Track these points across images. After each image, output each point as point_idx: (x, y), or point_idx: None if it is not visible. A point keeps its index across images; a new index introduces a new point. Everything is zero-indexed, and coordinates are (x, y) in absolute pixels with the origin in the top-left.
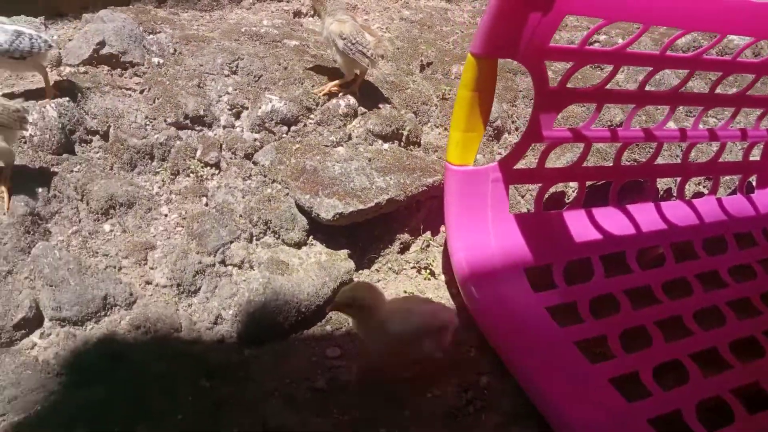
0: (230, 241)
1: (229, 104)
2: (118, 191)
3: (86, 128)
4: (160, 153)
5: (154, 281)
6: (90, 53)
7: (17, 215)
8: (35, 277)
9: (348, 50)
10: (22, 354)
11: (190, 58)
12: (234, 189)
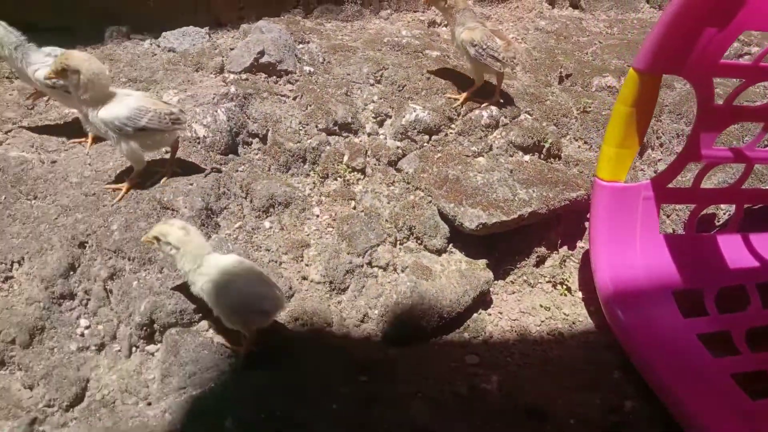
0: (377, 244)
1: (374, 112)
2: (277, 191)
3: (248, 131)
4: (311, 157)
5: (310, 277)
6: (251, 62)
7: (195, 209)
8: None
9: (479, 56)
10: (200, 335)
11: (338, 67)
12: (380, 194)
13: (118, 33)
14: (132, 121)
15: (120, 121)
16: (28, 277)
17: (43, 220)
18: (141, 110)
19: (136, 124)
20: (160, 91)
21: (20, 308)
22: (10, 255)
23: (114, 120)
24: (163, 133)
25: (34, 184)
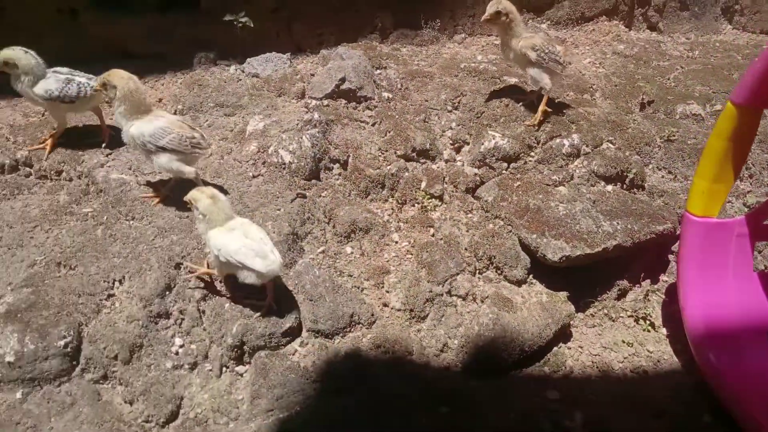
0: (457, 273)
1: (452, 139)
2: (358, 217)
3: (330, 157)
4: (390, 183)
5: (390, 304)
6: (332, 88)
7: (283, 234)
8: (298, 291)
9: (542, 60)
10: (287, 359)
11: (416, 93)
12: (458, 222)
13: (206, 59)
14: (154, 139)
15: (144, 138)
16: (128, 296)
17: (141, 241)
18: (165, 130)
19: (157, 142)
20: (246, 116)
21: (121, 325)
22: (112, 274)
23: (139, 136)
24: (183, 154)
25: (132, 205)
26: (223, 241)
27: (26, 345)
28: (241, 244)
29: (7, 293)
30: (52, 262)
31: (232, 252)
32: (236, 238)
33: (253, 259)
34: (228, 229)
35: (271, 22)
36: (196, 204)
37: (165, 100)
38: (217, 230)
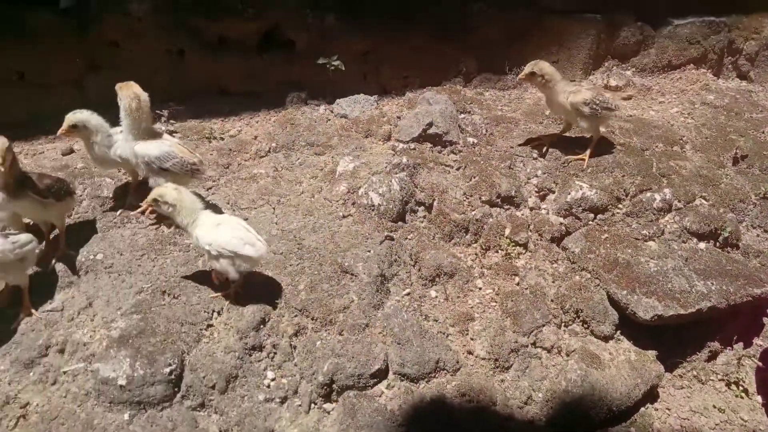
0: (542, 325)
1: (537, 187)
2: (444, 262)
3: (416, 200)
4: (474, 228)
5: (475, 352)
6: (419, 132)
7: (372, 275)
8: (387, 333)
9: (595, 112)
10: (375, 400)
11: (501, 139)
12: (544, 272)
13: (298, 98)
14: (159, 161)
15: (149, 158)
16: (225, 327)
17: None
18: (169, 155)
19: (162, 164)
20: (336, 156)
21: (219, 356)
22: (212, 305)
23: (145, 156)
24: (182, 177)
25: None
26: (212, 236)
27: (136, 370)
28: (230, 236)
29: (117, 318)
30: (157, 290)
31: (223, 243)
32: (224, 231)
33: (243, 246)
34: (214, 224)
35: (360, 65)
36: (164, 198)
37: (260, 138)
38: (203, 228)
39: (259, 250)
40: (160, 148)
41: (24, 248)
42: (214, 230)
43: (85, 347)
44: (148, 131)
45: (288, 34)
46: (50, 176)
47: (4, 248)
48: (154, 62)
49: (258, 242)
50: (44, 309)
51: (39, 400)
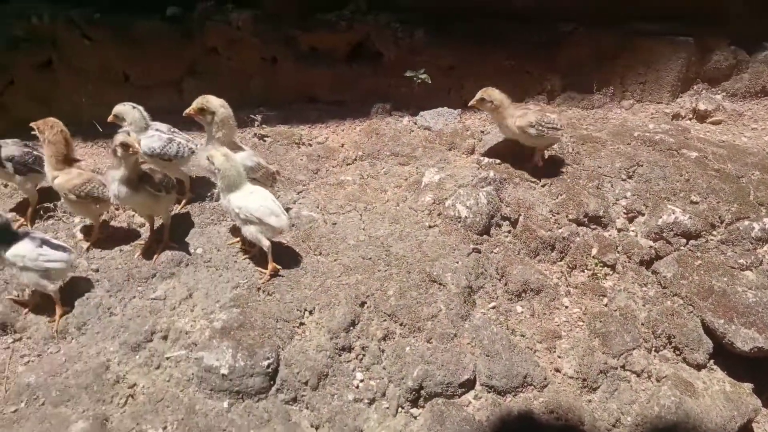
0: (633, 348)
1: (626, 208)
2: (531, 278)
3: (501, 214)
4: (560, 246)
5: (563, 370)
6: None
7: (460, 286)
8: (475, 344)
9: (542, 132)
10: (463, 409)
11: (587, 158)
12: (633, 295)
13: (383, 109)
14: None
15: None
16: (317, 326)
17: (329, 276)
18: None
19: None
20: (420, 167)
21: (311, 353)
22: (304, 304)
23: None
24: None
25: (319, 241)
26: (243, 201)
27: (238, 361)
28: (259, 204)
29: (216, 310)
30: (253, 287)
31: (252, 210)
32: (255, 199)
33: (269, 216)
34: (247, 192)
35: (444, 79)
36: (212, 160)
37: (346, 146)
38: (237, 193)
39: (282, 222)
40: (252, 160)
41: (47, 263)
42: (245, 196)
43: (187, 336)
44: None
45: (377, 46)
46: (159, 171)
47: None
48: (249, 69)
49: (282, 215)
50: (149, 297)
51: (144, 382)
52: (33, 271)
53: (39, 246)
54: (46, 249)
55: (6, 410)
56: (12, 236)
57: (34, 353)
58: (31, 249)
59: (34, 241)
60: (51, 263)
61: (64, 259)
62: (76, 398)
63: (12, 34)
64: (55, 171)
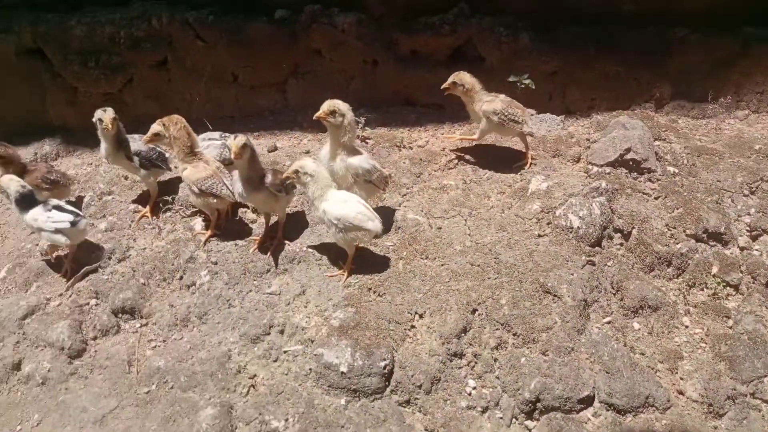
0: (764, 375)
1: (749, 226)
2: (649, 294)
3: (614, 226)
4: (677, 262)
5: (686, 393)
6: (616, 157)
7: (577, 299)
8: (594, 360)
9: (503, 121)
10: (582, 426)
11: (704, 171)
12: (762, 318)
13: None
14: (368, 174)
15: (362, 171)
16: (428, 330)
17: (437, 281)
18: (376, 168)
19: (369, 176)
20: (524, 174)
21: (424, 357)
22: (414, 307)
23: (358, 168)
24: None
25: (425, 245)
26: (341, 211)
27: (356, 360)
28: (356, 212)
29: (329, 308)
30: (364, 287)
31: (351, 218)
32: (351, 207)
33: (366, 222)
34: (341, 201)
35: (546, 84)
36: (305, 169)
37: (447, 149)
38: (330, 203)
39: (377, 225)
40: (369, 163)
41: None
42: (341, 205)
43: (303, 331)
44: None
45: (479, 50)
46: (281, 171)
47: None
48: (350, 70)
49: (376, 219)
50: (264, 291)
51: (264, 374)
52: (45, 231)
53: (48, 210)
54: (54, 212)
55: (140, 391)
56: (30, 203)
57: (160, 338)
58: (41, 213)
59: (45, 207)
60: (56, 223)
61: (68, 220)
62: (202, 385)
63: (134, 35)
64: (183, 163)
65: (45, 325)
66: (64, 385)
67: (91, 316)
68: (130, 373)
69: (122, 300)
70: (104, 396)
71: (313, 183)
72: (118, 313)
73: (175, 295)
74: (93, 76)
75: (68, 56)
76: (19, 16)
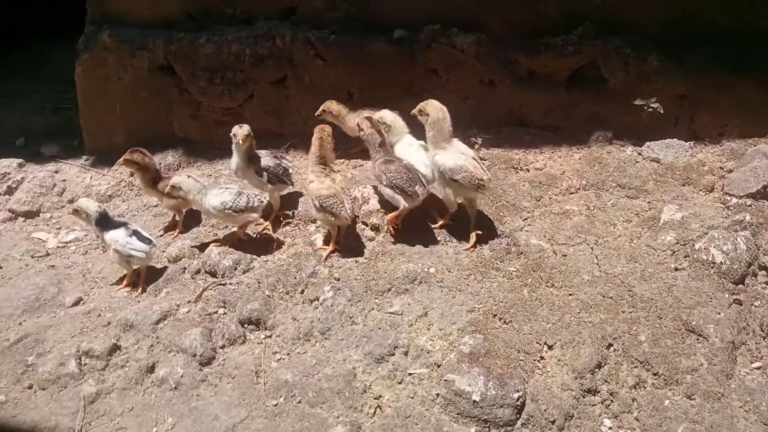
0: None
1: None
2: None
3: (759, 263)
4: None
5: None
6: (758, 188)
7: (725, 340)
8: (749, 409)
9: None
10: None
11: None
12: None
13: (603, 137)
14: (452, 173)
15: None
16: (558, 363)
17: (566, 311)
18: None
19: (453, 175)
20: (653, 202)
21: (556, 391)
22: (543, 337)
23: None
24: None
25: (550, 272)
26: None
27: (489, 389)
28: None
29: (454, 332)
30: (489, 312)
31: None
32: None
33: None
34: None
35: (673, 108)
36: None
37: (567, 173)
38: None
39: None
40: (455, 162)
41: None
42: (451, 156)
43: (428, 354)
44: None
45: (603, 72)
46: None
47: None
48: (466, 90)
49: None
50: (387, 310)
51: (389, 395)
52: (119, 254)
53: (129, 236)
54: (134, 239)
55: (268, 403)
56: (111, 224)
57: (284, 351)
58: (123, 236)
59: (127, 231)
60: (134, 251)
61: (145, 250)
62: (330, 402)
63: (258, 53)
64: (312, 174)
65: (178, 330)
66: (196, 392)
67: (220, 325)
68: (258, 384)
69: (249, 311)
70: (234, 405)
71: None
72: (245, 323)
73: (298, 308)
74: (218, 91)
75: (196, 72)
76: (154, 35)
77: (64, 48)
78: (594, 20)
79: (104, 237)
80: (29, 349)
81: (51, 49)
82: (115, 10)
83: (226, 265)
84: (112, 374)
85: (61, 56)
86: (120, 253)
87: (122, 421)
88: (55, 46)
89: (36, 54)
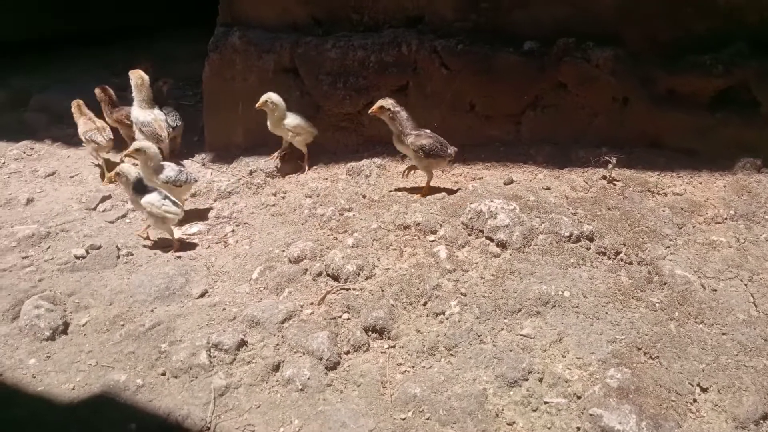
0: None
1: None
2: None
3: None
4: None
5: None
6: None
7: None
8: None
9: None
10: None
11: None
12: None
13: (752, 165)
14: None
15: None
16: (714, 409)
17: (721, 352)
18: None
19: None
20: None
21: None
22: (696, 378)
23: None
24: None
25: (699, 308)
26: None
27: (642, 429)
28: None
29: (593, 362)
30: (632, 345)
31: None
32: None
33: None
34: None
35: None
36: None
37: (711, 201)
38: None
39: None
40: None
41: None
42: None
43: (566, 384)
44: None
45: (755, 94)
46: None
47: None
48: (596, 107)
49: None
50: (518, 332)
51: (523, 423)
52: (154, 217)
53: (163, 198)
54: (167, 202)
55: (395, 416)
56: (145, 189)
57: (408, 363)
58: (158, 199)
59: (160, 194)
60: (169, 212)
61: (177, 212)
62: (461, 422)
63: (383, 60)
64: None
65: (304, 332)
66: (322, 396)
67: (345, 330)
68: (384, 395)
69: (374, 318)
70: (362, 414)
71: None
72: (369, 330)
73: (422, 321)
74: (339, 96)
75: (319, 76)
76: (282, 39)
77: (185, 47)
78: (747, 39)
79: (140, 201)
80: (162, 336)
81: (171, 47)
82: (244, 13)
83: (349, 270)
84: (239, 369)
85: (182, 55)
86: (155, 216)
87: (250, 417)
88: (175, 45)
89: (157, 52)
